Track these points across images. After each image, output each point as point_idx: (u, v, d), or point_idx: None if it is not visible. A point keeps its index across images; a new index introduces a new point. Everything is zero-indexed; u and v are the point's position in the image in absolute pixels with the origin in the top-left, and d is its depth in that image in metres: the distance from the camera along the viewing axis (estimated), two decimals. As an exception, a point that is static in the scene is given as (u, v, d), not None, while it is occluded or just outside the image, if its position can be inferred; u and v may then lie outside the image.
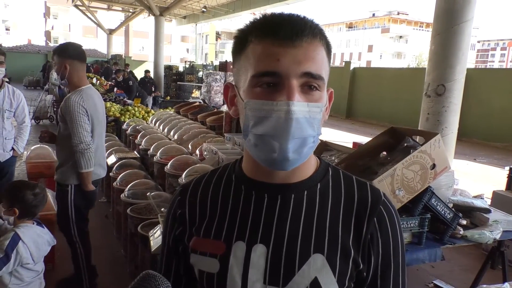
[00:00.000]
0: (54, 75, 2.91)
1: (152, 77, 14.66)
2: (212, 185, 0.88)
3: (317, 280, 0.76)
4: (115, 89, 11.97)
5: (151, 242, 2.43)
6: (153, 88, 13.36)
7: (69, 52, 2.80)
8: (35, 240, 2.29)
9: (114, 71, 14.21)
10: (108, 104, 7.54)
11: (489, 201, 3.61)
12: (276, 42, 0.70)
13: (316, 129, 0.73)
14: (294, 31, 0.70)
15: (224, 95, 0.84)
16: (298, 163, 0.75)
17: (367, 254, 0.79)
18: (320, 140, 2.94)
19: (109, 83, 13.44)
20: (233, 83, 0.81)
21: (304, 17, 0.74)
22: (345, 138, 10.48)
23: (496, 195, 4.07)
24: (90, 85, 2.93)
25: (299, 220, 0.79)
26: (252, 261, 0.78)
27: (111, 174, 4.05)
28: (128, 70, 13.18)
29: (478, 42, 73.40)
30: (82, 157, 2.70)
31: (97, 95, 2.96)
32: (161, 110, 7.94)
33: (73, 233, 2.88)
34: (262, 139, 0.72)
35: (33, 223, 2.37)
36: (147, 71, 14.04)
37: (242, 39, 0.76)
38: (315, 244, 0.78)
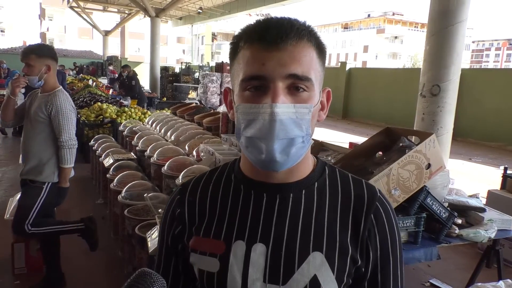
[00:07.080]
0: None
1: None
2: (211, 184, 0.89)
3: (316, 278, 0.77)
4: (111, 90, 11.91)
5: (149, 243, 2.43)
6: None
7: (50, 52, 2.78)
8: None
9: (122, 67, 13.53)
10: (105, 105, 7.52)
11: (484, 200, 3.63)
12: (262, 46, 0.72)
13: (305, 129, 0.74)
14: (279, 35, 0.72)
15: (224, 99, 0.87)
16: (289, 163, 0.75)
17: (365, 250, 0.81)
18: (316, 140, 2.95)
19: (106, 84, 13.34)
20: (231, 88, 0.84)
21: (293, 19, 0.76)
22: (341, 138, 10.50)
23: (491, 194, 4.09)
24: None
25: (298, 219, 0.80)
26: (252, 260, 0.79)
27: (108, 175, 4.04)
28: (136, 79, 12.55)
29: (473, 42, 73.78)
30: (69, 152, 2.81)
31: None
32: (158, 111, 7.93)
33: (26, 228, 2.78)
34: (251, 141, 0.74)
35: None
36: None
37: (235, 45, 0.78)
38: (314, 242, 0.79)
